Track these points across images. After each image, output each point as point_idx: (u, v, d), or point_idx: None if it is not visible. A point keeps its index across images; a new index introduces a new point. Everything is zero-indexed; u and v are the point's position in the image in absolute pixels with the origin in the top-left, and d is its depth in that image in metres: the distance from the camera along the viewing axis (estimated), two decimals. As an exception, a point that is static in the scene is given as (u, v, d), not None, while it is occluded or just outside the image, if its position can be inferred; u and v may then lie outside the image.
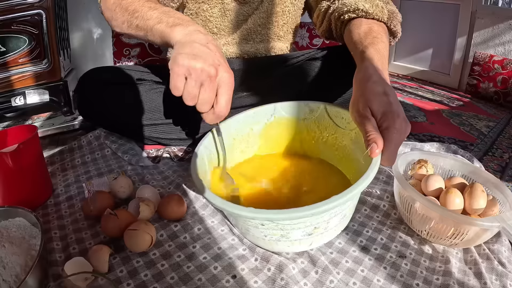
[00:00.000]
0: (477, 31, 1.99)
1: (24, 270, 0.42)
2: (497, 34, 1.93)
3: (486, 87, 1.87)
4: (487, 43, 1.97)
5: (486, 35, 1.97)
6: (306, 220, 0.40)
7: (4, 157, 0.55)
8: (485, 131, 1.26)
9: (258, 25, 0.81)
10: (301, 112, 0.63)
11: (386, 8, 0.66)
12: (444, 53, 2.14)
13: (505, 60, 1.82)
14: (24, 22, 0.98)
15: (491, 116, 1.53)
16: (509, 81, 1.78)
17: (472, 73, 1.95)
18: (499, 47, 1.93)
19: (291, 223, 0.40)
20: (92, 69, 0.77)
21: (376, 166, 0.42)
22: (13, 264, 0.42)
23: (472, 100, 1.85)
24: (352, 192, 0.39)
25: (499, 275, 0.48)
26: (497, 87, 1.83)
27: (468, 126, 1.29)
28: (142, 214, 0.49)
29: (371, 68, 0.49)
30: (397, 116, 0.42)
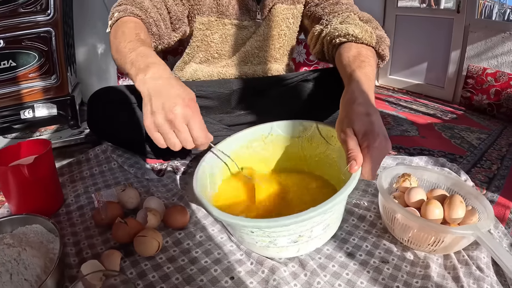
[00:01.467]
0: (470, 44, 2.06)
1: (44, 271, 0.48)
2: (490, 47, 2.00)
3: (479, 100, 1.94)
4: (480, 56, 2.04)
5: (479, 48, 2.04)
6: (290, 228, 0.46)
7: (22, 169, 0.61)
8: (476, 143, 1.32)
9: (255, 48, 0.89)
10: (295, 130, 0.70)
11: (374, 33, 0.73)
12: (438, 66, 2.21)
13: (498, 73, 1.89)
14: (34, 39, 1.06)
15: (483, 128, 1.59)
16: (502, 93, 1.85)
17: (466, 86, 2.02)
18: (492, 60, 2.00)
19: (276, 230, 0.47)
20: (100, 89, 0.83)
21: (353, 182, 0.48)
22: (34, 265, 0.48)
23: (466, 113, 1.92)
24: (326, 206, 0.45)
25: (477, 279, 0.53)
26: (490, 99, 1.89)
27: (459, 139, 1.35)
28: (149, 222, 0.56)
29: (357, 91, 0.56)
30: (377, 135, 0.48)
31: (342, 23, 0.74)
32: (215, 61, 0.90)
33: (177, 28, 0.82)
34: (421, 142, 1.25)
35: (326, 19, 0.80)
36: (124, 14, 0.71)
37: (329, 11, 0.81)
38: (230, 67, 0.90)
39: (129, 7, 0.73)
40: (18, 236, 0.54)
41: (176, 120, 0.52)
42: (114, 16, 0.72)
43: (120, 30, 0.68)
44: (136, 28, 0.69)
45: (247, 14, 0.86)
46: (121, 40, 0.65)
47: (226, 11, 0.84)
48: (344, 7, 0.81)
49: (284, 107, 0.83)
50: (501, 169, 1.08)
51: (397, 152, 1.11)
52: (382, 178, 0.62)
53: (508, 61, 1.93)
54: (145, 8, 0.74)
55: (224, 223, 0.59)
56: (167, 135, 0.53)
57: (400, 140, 1.25)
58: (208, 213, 0.59)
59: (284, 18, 0.88)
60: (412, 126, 1.48)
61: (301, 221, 0.44)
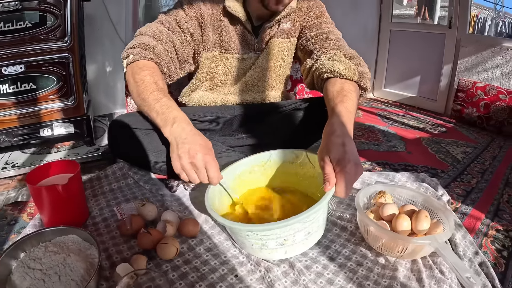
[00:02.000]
0: (461, 58, 2.22)
1: (87, 273, 0.62)
2: (480, 61, 2.16)
3: (469, 112, 2.10)
4: (471, 70, 2.20)
5: (470, 62, 2.20)
6: (276, 232, 0.63)
7: (57, 188, 0.76)
8: (460, 157, 1.46)
9: (254, 78, 1.06)
10: (289, 157, 0.88)
11: (357, 70, 0.89)
12: (431, 80, 2.38)
13: (488, 86, 2.04)
14: (54, 64, 1.22)
15: (471, 141, 1.73)
16: (491, 106, 2.00)
17: (457, 99, 2.17)
18: (482, 73, 2.16)
19: (266, 234, 0.63)
20: (119, 116, 0.99)
21: (325, 199, 0.64)
22: (78, 268, 0.63)
23: (456, 125, 2.07)
24: (299, 217, 0.61)
25: (438, 281, 0.67)
26: (480, 112, 2.05)
27: (444, 153, 1.50)
28: (168, 232, 0.71)
29: (336, 124, 0.72)
30: (348, 162, 0.64)
31: (329, 60, 0.90)
32: (219, 89, 1.07)
33: (183, 67, 1.00)
34: (407, 157, 1.40)
35: (316, 54, 0.96)
36: (139, 57, 0.88)
37: (319, 46, 0.98)
38: (232, 95, 1.07)
39: (143, 51, 0.89)
40: (59, 245, 0.68)
41: (198, 164, 0.72)
42: (129, 58, 0.88)
43: (139, 76, 0.85)
44: (153, 75, 0.86)
45: (246, 47, 1.03)
46: (143, 89, 0.83)
47: (228, 47, 1.00)
48: (332, 43, 0.97)
49: (279, 131, 0.99)
50: (481, 182, 1.22)
51: (383, 168, 1.26)
52: (360, 196, 0.78)
53: (497, 75, 2.08)
54: (158, 52, 0.90)
55: (227, 228, 0.75)
56: (190, 173, 0.74)
57: (387, 156, 1.41)
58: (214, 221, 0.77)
59: (279, 51, 1.05)
60: (400, 141, 1.63)
61: (283, 226, 0.61)
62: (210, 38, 0.99)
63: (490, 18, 3.42)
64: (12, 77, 1.16)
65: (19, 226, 0.85)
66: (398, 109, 2.39)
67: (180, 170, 0.74)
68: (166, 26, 0.95)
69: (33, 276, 0.61)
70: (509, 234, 0.90)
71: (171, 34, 0.95)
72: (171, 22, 0.96)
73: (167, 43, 0.93)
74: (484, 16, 3.46)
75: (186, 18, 0.96)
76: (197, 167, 0.73)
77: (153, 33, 0.92)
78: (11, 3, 1.10)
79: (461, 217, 0.96)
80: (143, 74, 0.85)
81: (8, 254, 0.64)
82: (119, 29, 1.70)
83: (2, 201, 0.96)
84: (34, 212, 0.90)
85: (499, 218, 0.98)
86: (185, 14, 0.97)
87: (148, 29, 0.94)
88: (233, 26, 1.00)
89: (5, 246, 0.75)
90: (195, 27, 0.98)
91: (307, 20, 1.04)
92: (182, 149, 0.73)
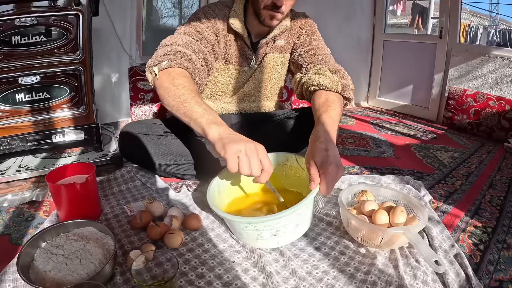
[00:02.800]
0: (452, 67, 2.35)
1: (104, 257, 0.73)
2: (470, 69, 2.28)
3: (460, 119, 2.21)
4: (462, 78, 2.32)
5: (460, 71, 2.32)
6: (270, 224, 0.74)
7: (76, 186, 0.87)
8: (447, 162, 1.56)
9: (251, 89, 1.18)
10: (280, 160, 0.99)
11: (340, 82, 1.01)
12: (423, 88, 2.50)
13: (477, 94, 2.16)
14: (67, 75, 1.33)
15: (460, 146, 1.83)
16: (481, 112, 2.11)
17: (448, 107, 2.29)
18: (472, 81, 2.28)
19: (262, 225, 0.74)
20: (128, 124, 1.11)
21: (310, 196, 0.75)
22: (97, 253, 0.73)
23: (447, 132, 2.18)
24: (289, 211, 0.71)
25: (413, 268, 0.76)
26: (470, 118, 2.16)
27: (432, 158, 1.59)
28: (173, 225, 0.82)
29: (321, 131, 0.83)
30: (329, 164, 0.75)
31: (316, 74, 1.03)
32: (219, 98, 1.19)
33: (209, 75, 1.10)
34: (395, 162, 1.51)
35: (305, 68, 1.09)
36: (175, 64, 0.91)
37: (308, 61, 1.11)
38: (231, 104, 1.20)
39: (179, 59, 0.93)
40: (78, 234, 0.79)
41: (255, 151, 0.74)
42: (162, 64, 0.91)
43: (179, 81, 0.88)
44: (191, 83, 0.90)
45: (245, 61, 1.16)
46: (184, 93, 0.86)
47: (231, 59, 1.13)
48: (319, 58, 1.10)
49: (273, 138, 1.11)
50: (464, 185, 1.31)
51: (370, 172, 1.37)
52: (343, 194, 0.89)
53: (487, 82, 2.20)
54: (193, 61, 0.96)
55: (227, 222, 0.85)
56: (244, 161, 0.73)
57: (375, 161, 1.52)
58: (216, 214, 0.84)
59: (274, 65, 1.18)
60: (389, 147, 1.74)
61: (276, 219, 0.72)
62: (221, 50, 1.12)
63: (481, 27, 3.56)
64: (27, 86, 1.27)
65: (37, 222, 0.93)
66: (391, 117, 2.50)
67: (235, 156, 0.72)
68: (192, 36, 1.01)
69: (56, 260, 0.70)
70: (487, 230, 0.97)
71: (199, 44, 1.01)
72: (196, 33, 1.02)
73: (198, 53, 1.00)
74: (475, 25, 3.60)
75: (207, 30, 1.05)
76: (253, 154, 0.73)
77: (184, 43, 0.97)
78: (28, 19, 1.22)
79: (441, 215, 1.04)
80: (183, 80, 0.89)
81: (30, 244, 0.72)
82: (124, 43, 1.83)
83: (18, 200, 1.05)
84: (50, 210, 0.99)
85: (478, 216, 1.06)
86: (205, 27, 1.05)
87: (177, 40, 0.98)
88: (235, 41, 1.13)
89: (24, 240, 0.84)
90: (214, 39, 1.08)
91: (299, 38, 1.18)
92: (235, 138, 0.74)
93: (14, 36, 1.21)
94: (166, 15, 2.54)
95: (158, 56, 0.95)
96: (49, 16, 1.24)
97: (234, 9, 1.11)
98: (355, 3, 2.64)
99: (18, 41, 1.23)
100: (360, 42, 2.72)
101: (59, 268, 0.68)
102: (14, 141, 1.29)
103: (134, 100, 1.67)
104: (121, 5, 1.79)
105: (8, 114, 1.27)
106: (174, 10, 2.57)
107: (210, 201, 0.82)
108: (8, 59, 1.22)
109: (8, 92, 1.25)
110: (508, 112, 2.00)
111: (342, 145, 1.73)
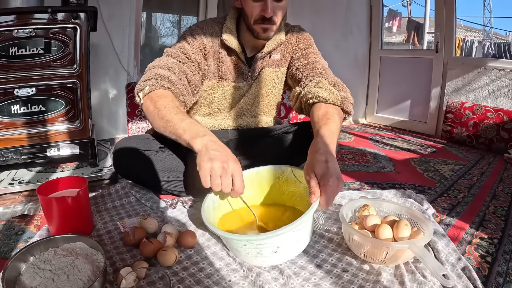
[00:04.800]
0: (449, 81, 2.34)
1: (93, 274, 0.68)
2: (467, 82, 2.27)
3: (459, 132, 2.19)
4: (459, 91, 2.31)
5: (457, 84, 2.31)
6: (270, 241, 0.69)
7: (67, 200, 0.83)
8: (448, 175, 1.53)
9: (248, 104, 1.16)
10: (276, 173, 0.96)
11: (339, 95, 0.99)
12: (421, 103, 2.49)
13: (475, 106, 2.15)
14: (63, 89, 1.31)
15: (460, 159, 1.81)
16: (480, 124, 2.10)
17: (446, 120, 2.27)
18: (469, 94, 2.27)
19: (262, 243, 0.69)
20: (124, 139, 1.08)
21: (311, 210, 0.71)
22: (85, 269, 0.68)
23: (447, 145, 2.15)
24: (291, 226, 0.68)
25: (420, 283, 0.72)
26: (469, 131, 2.14)
27: (432, 172, 1.56)
28: (167, 242, 0.77)
29: (320, 143, 0.81)
30: (330, 177, 0.73)
31: (315, 87, 1.00)
32: (215, 114, 1.17)
33: (195, 93, 1.08)
34: (395, 177, 1.47)
35: (303, 82, 1.07)
36: (155, 87, 0.93)
37: (307, 74, 1.09)
38: (228, 120, 1.17)
39: (159, 81, 0.95)
40: (67, 249, 0.75)
41: (228, 170, 0.76)
42: (145, 89, 0.94)
43: (160, 102, 0.90)
44: (173, 101, 0.92)
45: (241, 76, 1.13)
46: (167, 113, 0.87)
47: (225, 76, 1.11)
48: (318, 71, 1.08)
49: (271, 153, 1.09)
50: (467, 197, 1.28)
51: (371, 187, 1.33)
52: (344, 209, 0.85)
53: (484, 94, 2.19)
54: (173, 81, 0.97)
55: (223, 239, 0.81)
56: (215, 178, 0.75)
57: (375, 176, 1.48)
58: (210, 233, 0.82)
59: (270, 79, 1.16)
60: (389, 162, 1.71)
61: (277, 236, 0.68)
62: (211, 67, 1.10)
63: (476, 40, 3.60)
64: (23, 98, 1.25)
65: (27, 236, 0.90)
66: (390, 133, 2.48)
67: (207, 173, 0.75)
68: (175, 58, 1.03)
69: (43, 276, 0.66)
70: (493, 241, 0.94)
71: (181, 65, 1.02)
72: (179, 54, 1.04)
73: (179, 73, 1.01)
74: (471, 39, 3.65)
75: (192, 49, 1.05)
76: (226, 172, 0.75)
77: (165, 65, 1.00)
78: (26, 30, 1.21)
79: (445, 228, 1.01)
80: (164, 100, 0.91)
81: (17, 258, 0.69)
82: (122, 59, 1.82)
83: (9, 213, 1.02)
84: (41, 224, 0.95)
85: (483, 228, 1.03)
86: (190, 46, 1.05)
87: (159, 62, 1.01)
88: (229, 57, 1.11)
89: (13, 253, 0.79)
90: (201, 57, 1.07)
91: (296, 51, 1.16)
92: (214, 154, 0.77)
93: (11, 47, 1.20)
94: (165, 34, 2.55)
95: (141, 82, 0.97)
96: (47, 28, 1.23)
97: (227, 25, 1.10)
98: (352, 20, 2.66)
99: (16, 52, 1.22)
100: (357, 59, 2.73)
101: (45, 284, 0.65)
102: (8, 153, 1.25)
103: (131, 116, 1.65)
104: (120, 22, 1.79)
105: (3, 126, 1.24)
106: (173, 29, 2.59)
107: (205, 218, 0.78)
108: (5, 70, 1.21)
109: (3, 103, 1.23)
110: (507, 123, 1.99)
111: (342, 161, 1.70)
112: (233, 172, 0.77)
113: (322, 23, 2.47)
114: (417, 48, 3.15)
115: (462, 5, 3.78)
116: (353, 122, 2.84)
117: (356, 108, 2.78)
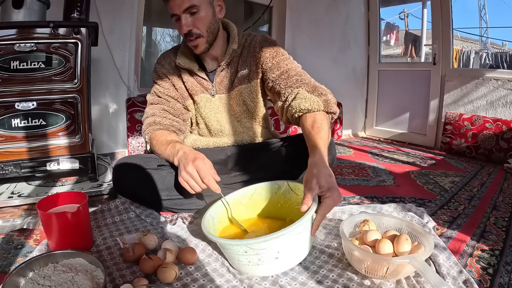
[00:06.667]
0: (447, 92, 2.36)
1: (93, 291, 0.68)
2: (465, 93, 2.29)
3: (458, 144, 2.20)
4: (457, 102, 2.33)
5: (455, 95, 2.33)
6: (269, 244, 0.71)
7: (67, 215, 0.83)
8: (448, 187, 1.53)
9: (235, 121, 1.23)
10: (272, 189, 0.99)
11: (321, 100, 1.01)
12: (420, 115, 2.51)
13: (474, 117, 2.15)
14: (63, 103, 1.32)
15: (460, 171, 1.81)
16: (479, 135, 2.10)
17: (445, 132, 2.28)
18: (468, 105, 2.28)
19: (261, 247, 0.71)
20: (124, 157, 1.11)
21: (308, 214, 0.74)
22: (85, 286, 0.68)
23: (446, 157, 2.16)
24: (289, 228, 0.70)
25: None
26: (468, 142, 2.15)
27: (432, 184, 1.56)
28: (167, 259, 0.77)
29: (318, 156, 0.84)
30: (334, 190, 0.77)
31: (295, 100, 1.03)
32: (208, 133, 1.23)
33: (186, 119, 1.20)
34: (395, 190, 1.47)
35: (283, 95, 1.09)
36: (151, 133, 1.13)
37: (284, 85, 1.09)
38: (221, 137, 1.22)
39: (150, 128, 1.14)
40: (67, 265, 0.75)
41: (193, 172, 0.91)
42: (146, 137, 1.15)
43: (154, 143, 1.10)
44: (164, 136, 1.10)
45: (207, 91, 1.18)
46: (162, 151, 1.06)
47: (193, 91, 1.18)
48: (294, 79, 1.08)
49: (269, 167, 1.10)
50: (468, 208, 1.27)
51: (371, 201, 1.33)
52: (344, 224, 0.85)
53: (482, 105, 2.20)
54: (159, 122, 1.14)
55: (223, 250, 0.82)
56: (189, 182, 0.92)
57: (375, 190, 1.48)
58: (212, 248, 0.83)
59: (246, 95, 1.18)
60: (389, 176, 1.71)
61: (276, 238, 0.70)
62: (182, 90, 1.18)
63: (473, 51, 3.65)
64: (24, 112, 1.27)
65: (26, 251, 0.89)
66: (389, 146, 2.49)
67: (183, 182, 0.92)
68: (154, 103, 1.19)
69: None
70: (494, 253, 0.94)
71: (161, 106, 1.18)
72: (155, 98, 1.19)
73: (162, 112, 1.17)
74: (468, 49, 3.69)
75: (163, 89, 1.18)
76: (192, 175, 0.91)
77: (150, 113, 1.17)
78: (27, 44, 1.23)
79: (446, 240, 1.01)
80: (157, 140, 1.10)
81: (16, 273, 0.69)
82: (123, 74, 1.83)
83: (8, 227, 1.02)
84: (41, 238, 0.95)
85: (484, 239, 1.02)
86: (160, 86, 1.19)
87: (146, 114, 1.19)
88: (190, 76, 1.17)
89: (11, 268, 0.79)
90: (172, 89, 1.19)
91: (266, 62, 1.14)
92: (184, 163, 0.93)
93: (13, 61, 1.22)
94: (165, 48, 2.59)
95: (144, 130, 1.18)
96: (48, 43, 1.25)
97: (181, 49, 1.18)
98: (349, 34, 2.70)
99: (17, 66, 1.24)
100: (356, 72, 2.76)
101: (45, 300, 0.65)
102: (8, 166, 1.26)
103: (131, 131, 1.65)
104: (120, 37, 1.81)
105: (3, 139, 1.25)
106: (173, 44, 2.63)
107: (205, 229, 0.79)
108: (6, 83, 1.23)
109: (4, 116, 1.24)
110: (506, 133, 1.99)
111: (342, 175, 1.70)
112: (198, 169, 0.90)
113: (319, 37, 2.51)
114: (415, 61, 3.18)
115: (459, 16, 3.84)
116: (352, 136, 2.85)
117: (355, 121, 2.81)
